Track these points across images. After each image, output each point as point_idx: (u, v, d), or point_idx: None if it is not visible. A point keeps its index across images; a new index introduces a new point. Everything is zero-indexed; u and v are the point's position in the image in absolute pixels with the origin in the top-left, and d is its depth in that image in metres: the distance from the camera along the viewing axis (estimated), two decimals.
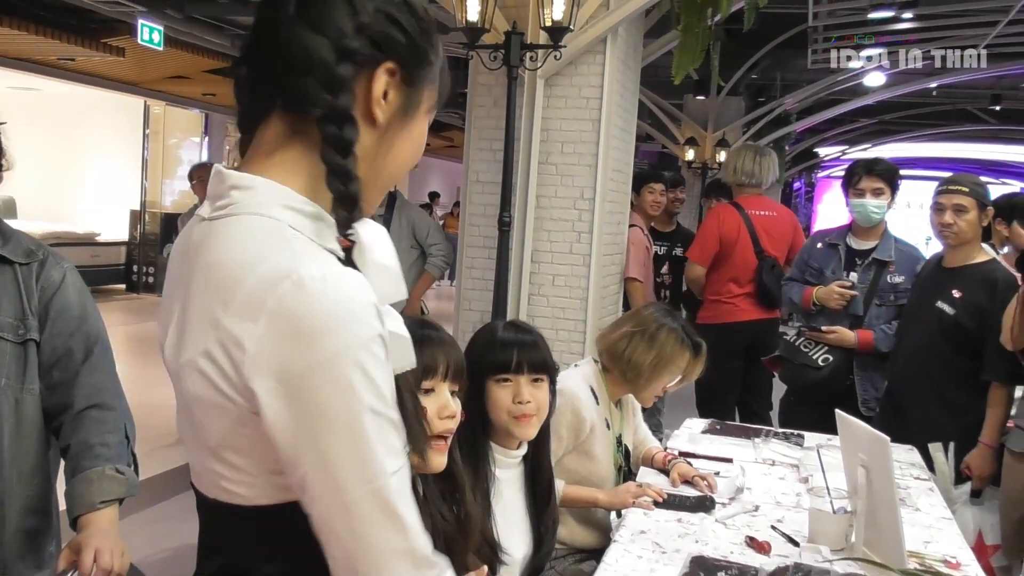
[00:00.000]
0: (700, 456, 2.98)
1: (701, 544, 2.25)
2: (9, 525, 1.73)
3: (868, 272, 3.76)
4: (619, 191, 5.01)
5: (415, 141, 1.04)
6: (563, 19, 4.22)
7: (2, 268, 1.74)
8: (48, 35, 8.41)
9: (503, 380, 2.01)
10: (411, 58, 0.99)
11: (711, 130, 10.52)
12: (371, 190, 1.00)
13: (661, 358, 2.61)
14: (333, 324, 0.85)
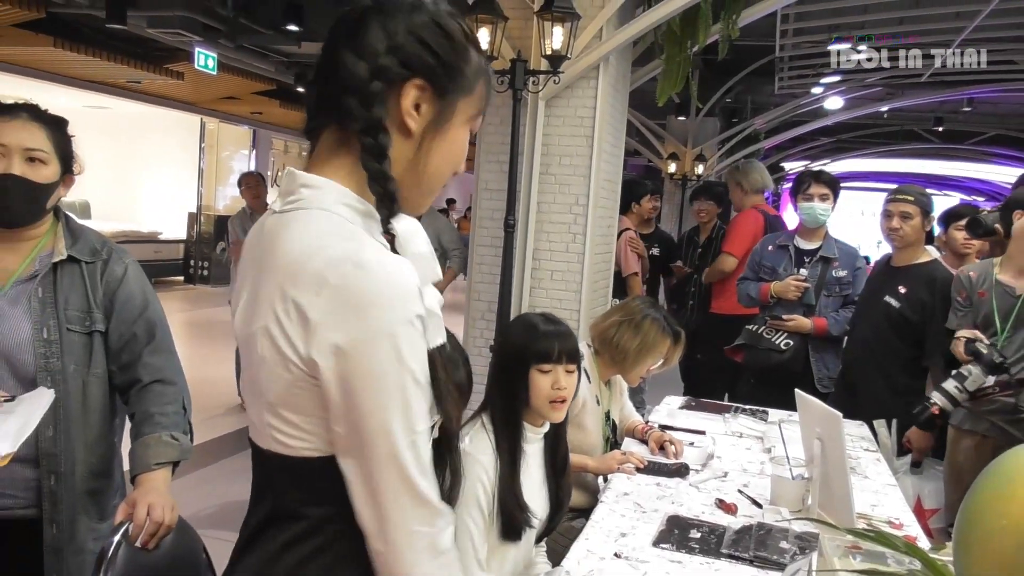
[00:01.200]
0: (677, 428, 2.96)
1: (677, 505, 2.24)
2: (77, 486, 1.73)
3: (816, 268, 3.81)
4: (609, 198, 4.99)
5: (453, 148, 1.02)
6: (561, 48, 4.20)
7: (71, 266, 1.74)
8: (118, 61, 8.41)
9: (544, 369, 1.97)
10: (441, 74, 0.98)
11: (690, 146, 10.49)
12: (415, 193, 1.02)
13: (645, 344, 2.61)
14: (387, 301, 0.88)
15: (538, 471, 2.04)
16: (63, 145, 1.74)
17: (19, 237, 1.72)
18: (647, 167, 13.10)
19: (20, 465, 1.65)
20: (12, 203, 1.66)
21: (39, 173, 1.67)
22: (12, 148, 1.65)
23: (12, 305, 1.67)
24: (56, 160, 1.71)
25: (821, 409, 2.15)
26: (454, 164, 1.03)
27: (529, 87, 4.41)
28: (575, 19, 4.22)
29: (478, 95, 1.02)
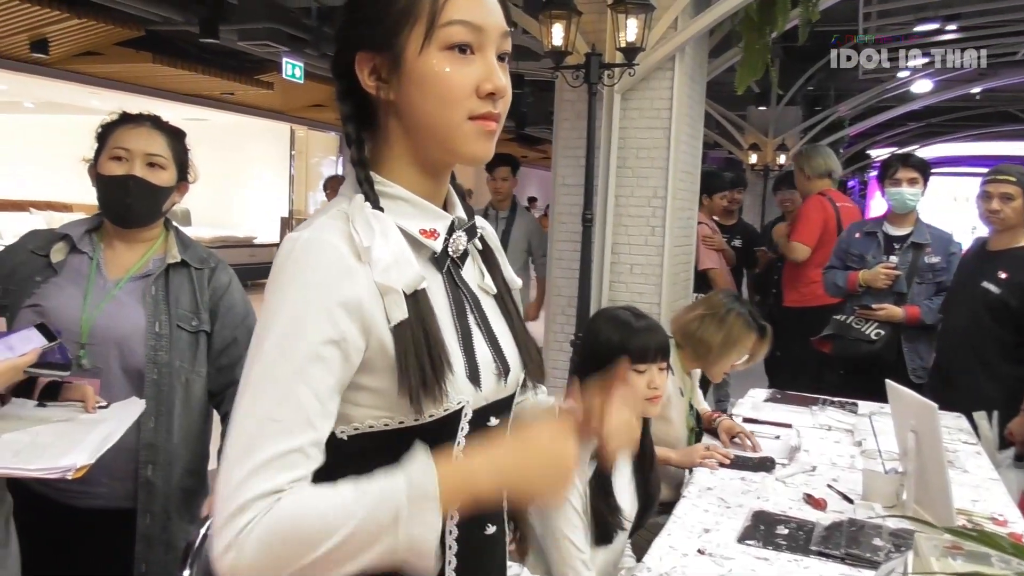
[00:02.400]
0: (761, 421, 2.85)
1: (762, 500, 2.14)
2: (174, 482, 1.76)
3: (907, 254, 3.62)
4: (688, 190, 4.86)
5: (427, 81, 0.88)
6: (636, 40, 4.11)
7: (182, 270, 1.81)
8: (212, 74, 8.69)
9: (640, 369, 1.92)
10: (374, 31, 0.91)
11: (772, 136, 10.17)
12: (434, 147, 0.93)
13: (729, 338, 2.53)
14: (289, 277, 0.85)
15: (626, 469, 1.97)
16: (180, 154, 1.83)
17: (134, 238, 1.81)
18: (728, 159, 12.78)
19: (120, 455, 1.68)
20: (133, 202, 1.75)
21: (158, 176, 1.76)
22: (135, 153, 1.74)
23: (128, 297, 1.74)
24: (173, 166, 1.80)
25: (915, 400, 2.02)
26: (440, 96, 0.88)
27: (604, 81, 4.34)
28: (649, 10, 4.13)
29: (425, 10, 0.88)
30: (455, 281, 0.98)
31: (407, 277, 0.88)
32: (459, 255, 0.99)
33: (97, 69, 8.44)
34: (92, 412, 1.54)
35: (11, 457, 1.30)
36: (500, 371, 0.98)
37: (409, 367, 0.87)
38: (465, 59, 0.89)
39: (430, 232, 0.95)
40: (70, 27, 7.15)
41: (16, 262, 1.76)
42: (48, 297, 1.71)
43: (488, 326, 1.00)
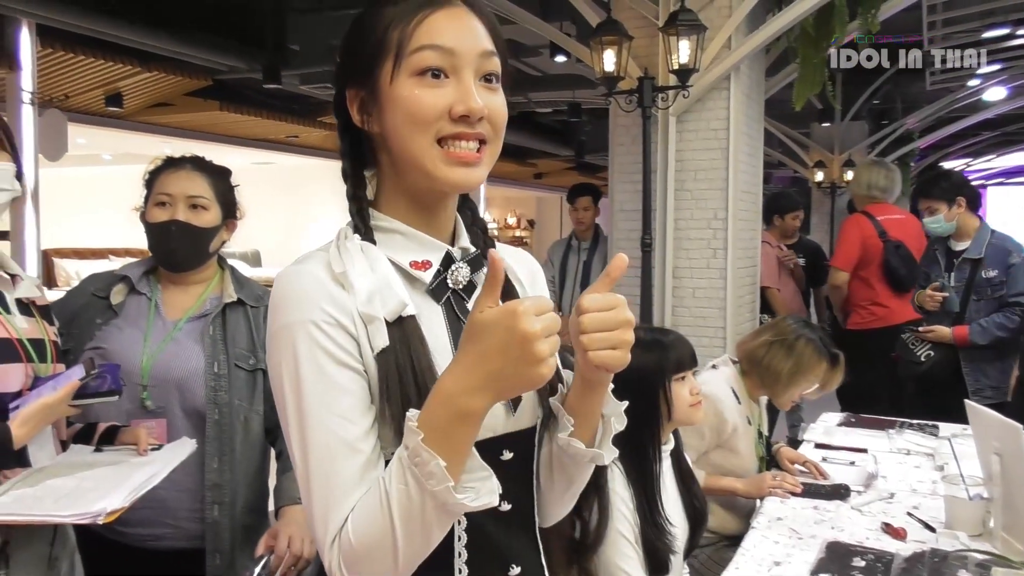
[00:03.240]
0: (835, 447, 2.72)
1: (837, 530, 2.03)
2: (237, 519, 1.75)
3: (963, 271, 3.52)
4: (749, 211, 4.75)
5: (398, 106, 0.88)
6: (689, 62, 4.06)
7: (238, 309, 1.81)
8: (276, 118, 8.93)
9: (680, 377, 1.90)
10: (356, 67, 0.92)
11: (837, 152, 9.92)
12: (409, 175, 0.91)
13: (799, 367, 2.42)
14: (271, 313, 0.88)
15: (672, 488, 1.90)
16: (224, 192, 1.83)
17: (188, 281, 1.82)
18: (793, 178, 12.52)
19: (185, 495, 1.70)
20: (177, 246, 1.76)
21: (200, 218, 1.76)
22: (176, 197, 1.75)
23: (187, 338, 1.75)
24: (217, 206, 1.80)
25: (997, 421, 1.89)
26: (409, 119, 0.87)
27: (658, 104, 4.29)
28: (701, 31, 4.07)
29: (395, 39, 0.88)
30: (456, 313, 0.95)
31: (390, 305, 0.87)
32: (463, 287, 0.96)
33: (168, 119, 8.77)
34: (144, 455, 1.54)
35: (51, 504, 1.30)
36: (508, 402, 0.94)
37: (391, 396, 0.85)
38: (437, 83, 0.88)
39: (421, 264, 0.94)
40: (142, 80, 7.45)
41: (78, 305, 1.79)
42: (109, 339, 1.73)
43: None
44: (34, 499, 1.31)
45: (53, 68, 6.82)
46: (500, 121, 0.91)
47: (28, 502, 1.31)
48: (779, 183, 13.90)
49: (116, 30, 6.26)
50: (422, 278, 0.93)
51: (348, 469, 0.83)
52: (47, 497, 1.32)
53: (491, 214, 19.45)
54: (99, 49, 6.69)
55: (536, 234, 19.82)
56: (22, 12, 5.98)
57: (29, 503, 1.30)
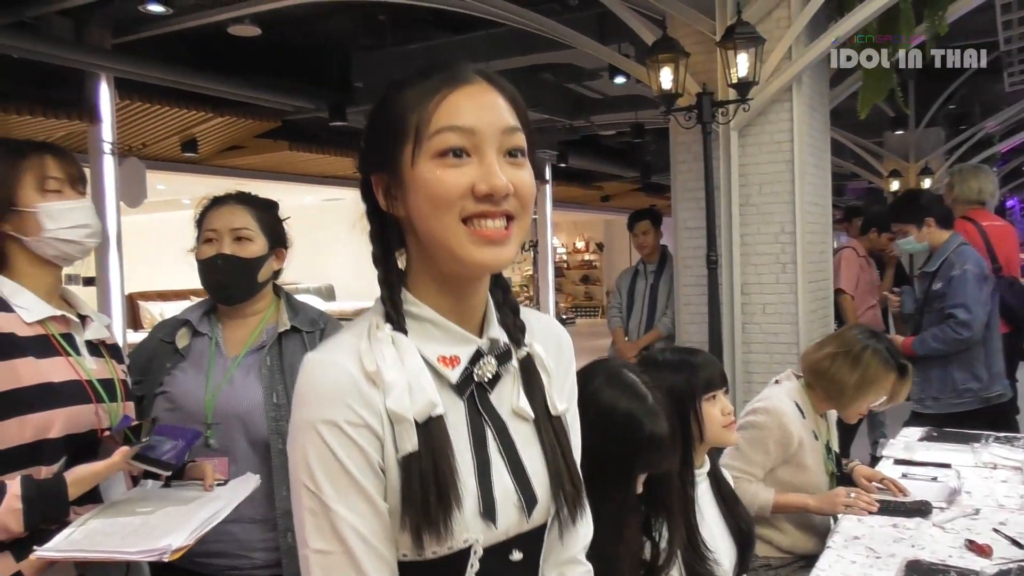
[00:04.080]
0: (916, 463, 2.62)
1: (917, 548, 1.95)
2: None
3: (923, 284, 3.62)
4: (818, 223, 4.64)
5: (420, 190, 0.87)
6: (748, 75, 4.02)
7: (295, 336, 1.84)
8: (344, 155, 9.14)
9: (711, 397, 1.85)
10: (380, 155, 0.91)
11: (913, 160, 9.61)
12: (437, 258, 0.90)
13: (865, 378, 2.34)
14: (300, 401, 0.87)
15: (712, 511, 1.84)
16: (269, 223, 1.86)
17: (244, 314, 1.86)
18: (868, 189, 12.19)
19: (260, 526, 1.74)
20: (225, 279, 1.81)
21: (246, 249, 1.80)
22: (221, 231, 1.80)
23: (246, 373, 1.79)
24: (262, 236, 1.83)
25: None
26: (432, 200, 0.86)
27: (718, 119, 4.25)
28: (759, 43, 4.03)
29: (414, 123, 0.87)
30: (478, 407, 0.93)
31: (419, 405, 0.86)
32: (488, 380, 0.94)
33: (241, 161, 9.08)
34: (210, 490, 1.56)
35: (119, 540, 1.33)
36: (523, 504, 0.92)
37: (413, 503, 0.85)
38: (459, 163, 0.86)
39: (450, 359, 0.92)
40: (215, 125, 7.75)
41: (150, 352, 1.86)
42: (175, 383, 1.79)
43: (515, 455, 0.94)
44: (104, 535, 1.35)
45: (131, 118, 7.16)
46: (527, 196, 0.89)
47: (98, 538, 1.34)
48: (853, 195, 13.55)
49: (189, 79, 6.57)
50: (449, 377, 0.91)
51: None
52: (116, 533, 1.36)
53: (559, 239, 19.47)
54: (174, 98, 7.01)
55: (605, 257, 19.75)
56: (102, 68, 6.32)
57: (99, 539, 1.34)
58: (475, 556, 0.89)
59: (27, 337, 1.42)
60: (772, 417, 2.28)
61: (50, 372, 1.42)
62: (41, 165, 1.49)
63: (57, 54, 5.85)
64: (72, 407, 1.44)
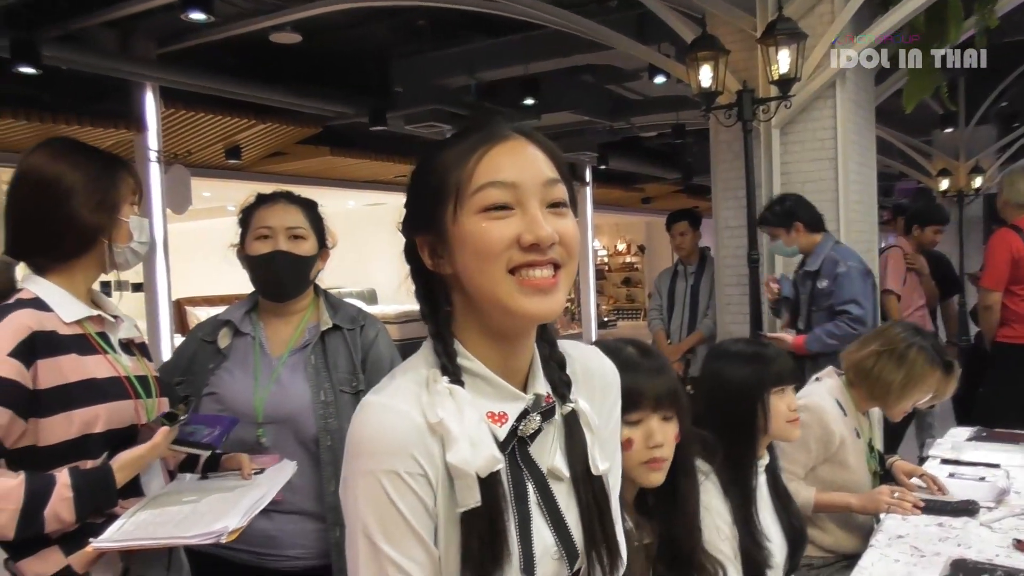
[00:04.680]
0: (964, 463, 2.58)
1: (964, 548, 1.93)
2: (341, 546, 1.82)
3: (806, 284, 3.65)
4: (864, 221, 4.58)
5: (466, 244, 0.88)
6: (789, 71, 3.98)
7: (336, 334, 1.89)
8: (384, 159, 9.23)
9: (779, 391, 1.86)
10: (421, 216, 0.93)
11: (963, 159, 9.41)
12: (486, 312, 0.91)
13: (911, 377, 2.32)
14: (355, 450, 0.88)
15: (767, 506, 1.84)
16: (317, 223, 1.92)
17: (288, 311, 1.90)
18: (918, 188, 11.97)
19: (309, 519, 1.80)
20: (282, 276, 1.85)
21: (300, 247, 1.85)
22: (277, 229, 1.84)
23: (292, 372, 1.83)
24: (313, 236, 1.89)
25: None
26: (478, 254, 0.87)
27: (759, 116, 4.21)
28: (801, 39, 3.99)
29: (456, 182, 0.89)
30: (518, 462, 0.94)
31: (481, 460, 0.87)
32: (530, 434, 0.94)
33: (283, 167, 9.23)
34: (248, 479, 1.61)
35: (172, 528, 1.38)
36: (563, 557, 0.93)
37: (471, 559, 0.86)
38: (503, 215, 0.88)
39: (498, 416, 0.92)
40: (258, 132, 7.90)
41: (191, 352, 1.91)
42: (222, 384, 1.83)
43: (554, 508, 0.95)
44: (155, 524, 1.40)
45: (176, 127, 7.33)
46: (573, 244, 0.90)
47: (150, 528, 1.39)
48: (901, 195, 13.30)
49: (232, 87, 6.71)
50: (497, 435, 0.91)
51: None
52: (167, 522, 1.40)
53: (600, 241, 19.41)
54: (217, 106, 7.15)
55: (647, 259, 19.63)
56: (147, 77, 6.49)
57: (151, 528, 1.39)
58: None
59: (68, 336, 1.46)
60: (813, 415, 2.26)
61: (93, 369, 1.47)
62: (132, 178, 1.59)
63: (103, 65, 6.02)
64: (114, 403, 1.48)
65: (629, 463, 1.37)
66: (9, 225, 1.54)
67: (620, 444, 1.06)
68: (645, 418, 1.39)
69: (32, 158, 1.52)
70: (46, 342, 1.42)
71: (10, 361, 1.36)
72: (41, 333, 1.41)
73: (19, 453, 1.40)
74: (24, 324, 1.40)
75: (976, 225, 9.70)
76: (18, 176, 1.52)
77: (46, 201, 1.50)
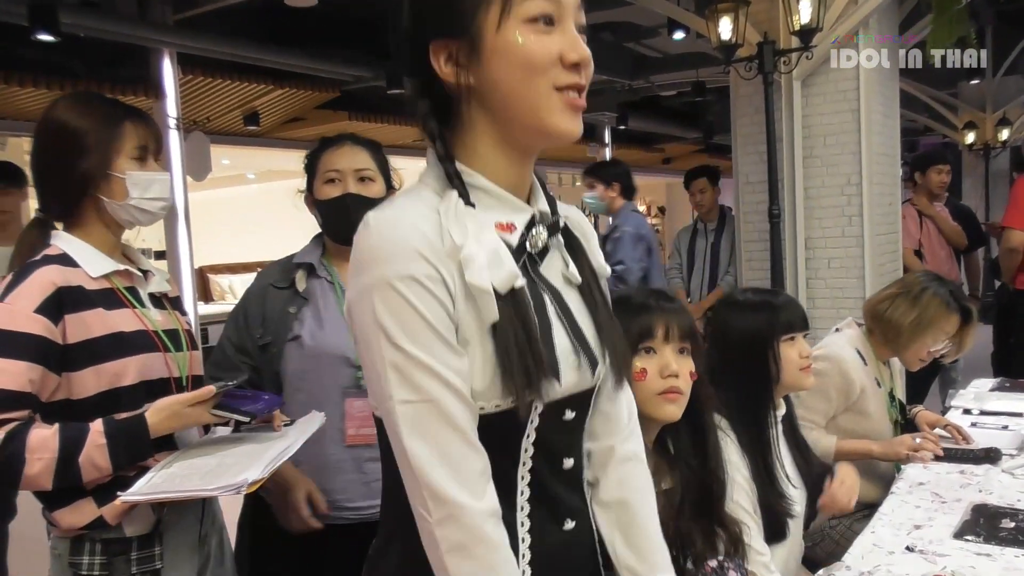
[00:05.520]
0: (987, 412, 2.57)
1: (985, 494, 1.93)
2: None
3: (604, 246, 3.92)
4: (887, 174, 4.52)
5: (509, 53, 0.86)
6: (811, 21, 3.91)
7: None
8: (401, 123, 9.19)
9: (790, 339, 1.82)
10: (445, 19, 0.89)
11: (990, 111, 9.22)
12: (514, 127, 0.90)
13: (922, 319, 2.28)
14: (371, 260, 0.86)
15: (786, 456, 1.84)
16: (383, 165, 1.88)
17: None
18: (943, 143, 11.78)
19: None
20: (354, 218, 1.82)
21: (370, 189, 1.81)
22: (345, 172, 1.80)
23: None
24: (381, 178, 1.85)
25: None
26: (525, 66, 0.86)
27: (780, 69, 4.15)
28: None
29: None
30: (531, 276, 0.95)
31: (500, 276, 0.87)
32: (538, 251, 0.96)
33: (302, 133, 9.21)
34: (279, 430, 1.59)
35: (198, 480, 1.39)
36: (582, 363, 0.95)
37: (513, 368, 0.86)
38: (546, 30, 0.87)
39: (507, 226, 0.93)
40: (275, 97, 7.88)
41: (263, 300, 1.83)
42: (308, 328, 1.77)
43: (571, 318, 0.97)
44: (182, 477, 1.42)
45: (194, 93, 7.33)
46: (591, 72, 0.90)
47: (177, 480, 1.41)
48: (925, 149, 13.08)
49: (250, 52, 6.68)
50: (508, 241, 0.92)
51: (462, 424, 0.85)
52: (195, 474, 1.42)
53: None
54: (235, 71, 7.14)
55: (667, 220, 19.50)
56: (165, 43, 6.48)
57: (178, 481, 1.40)
58: (535, 412, 0.92)
59: (94, 291, 1.46)
60: (832, 364, 2.25)
61: (120, 323, 1.48)
62: (137, 133, 1.52)
63: (121, 31, 6.01)
64: (143, 355, 1.49)
65: (644, 394, 1.35)
66: (33, 178, 1.55)
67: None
68: (659, 348, 1.38)
69: (50, 109, 1.52)
70: (72, 297, 1.42)
71: (37, 317, 1.37)
72: (67, 288, 1.42)
73: (55, 407, 1.42)
74: (49, 280, 1.41)
75: (1003, 178, 9.55)
76: (37, 127, 1.52)
77: (52, 151, 1.50)
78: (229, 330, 1.83)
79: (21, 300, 1.38)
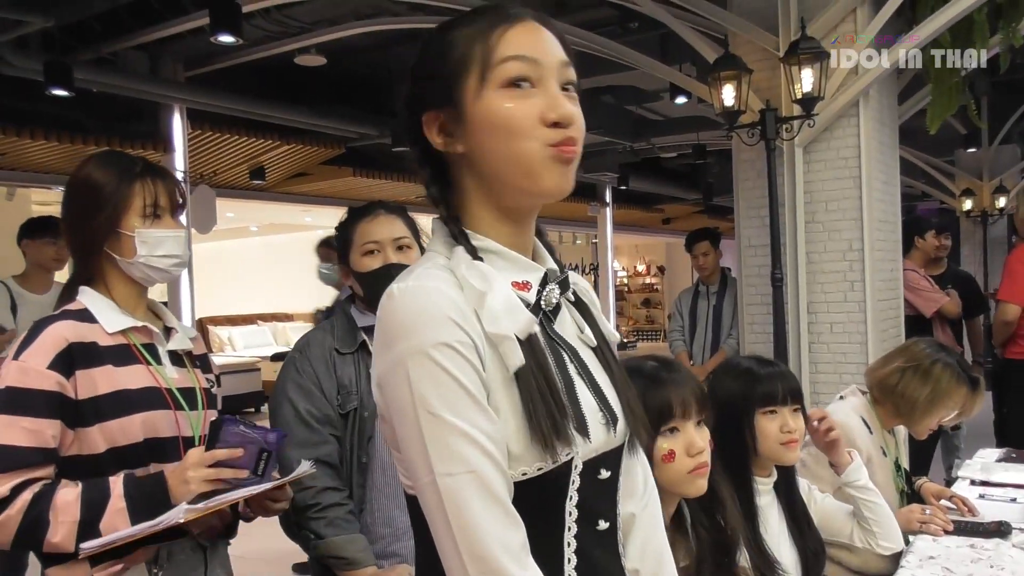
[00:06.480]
0: (994, 484, 2.54)
1: (996, 569, 1.90)
2: None
3: None
4: (888, 240, 4.55)
5: (488, 120, 0.87)
6: (812, 90, 3.98)
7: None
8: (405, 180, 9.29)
9: (770, 412, 1.80)
10: (432, 91, 0.91)
11: (987, 179, 9.33)
12: (505, 191, 0.91)
13: (937, 393, 2.28)
14: (402, 331, 0.84)
15: (777, 524, 1.81)
16: (414, 230, 1.88)
17: None
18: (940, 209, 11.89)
19: None
20: None
21: (408, 257, 1.80)
22: (384, 243, 1.80)
23: None
24: (415, 243, 1.85)
25: None
26: (507, 131, 0.87)
27: (783, 135, 4.21)
28: (824, 58, 4.00)
29: (478, 55, 0.88)
30: (548, 334, 0.95)
31: (520, 323, 0.87)
32: (551, 308, 0.96)
33: (306, 188, 9.32)
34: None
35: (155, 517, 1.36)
36: (608, 420, 0.94)
37: (539, 414, 0.85)
38: (525, 92, 0.88)
39: (523, 284, 0.93)
40: (282, 153, 7.99)
41: (332, 370, 1.81)
42: None
43: (591, 376, 0.97)
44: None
45: (203, 148, 7.43)
46: (583, 130, 0.91)
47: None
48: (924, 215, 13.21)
49: (258, 108, 6.80)
50: (526, 299, 0.92)
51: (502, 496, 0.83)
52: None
53: (620, 262, 19.39)
54: (243, 127, 7.26)
55: (667, 280, 19.59)
56: (175, 99, 6.60)
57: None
58: (576, 471, 0.90)
59: (108, 347, 1.46)
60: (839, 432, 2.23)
61: (126, 380, 1.46)
62: (150, 191, 1.52)
63: (133, 87, 6.13)
64: (148, 412, 1.47)
65: (674, 476, 1.35)
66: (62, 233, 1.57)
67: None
68: (681, 426, 1.37)
69: (81, 165, 1.54)
70: (84, 353, 1.42)
71: (49, 373, 1.37)
72: (79, 344, 1.42)
73: (67, 462, 1.41)
74: (61, 335, 1.41)
75: (1000, 245, 9.63)
76: (67, 181, 1.55)
77: (72, 206, 1.52)
78: (301, 407, 1.79)
79: (34, 357, 1.38)
